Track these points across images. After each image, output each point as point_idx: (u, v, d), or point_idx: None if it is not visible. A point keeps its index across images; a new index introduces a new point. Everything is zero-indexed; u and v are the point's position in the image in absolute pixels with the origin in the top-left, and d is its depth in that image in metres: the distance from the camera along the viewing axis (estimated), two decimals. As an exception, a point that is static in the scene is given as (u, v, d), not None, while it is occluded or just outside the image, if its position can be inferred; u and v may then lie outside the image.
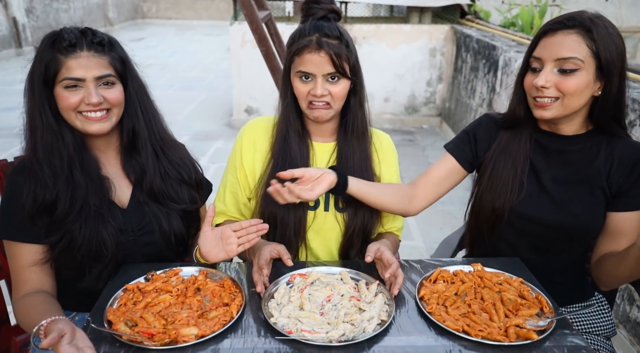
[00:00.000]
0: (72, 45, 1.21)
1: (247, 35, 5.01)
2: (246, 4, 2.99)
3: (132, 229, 1.34)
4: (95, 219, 1.27)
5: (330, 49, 1.30)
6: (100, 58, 1.23)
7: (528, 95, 1.32)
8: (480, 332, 1.07)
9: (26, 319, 1.20)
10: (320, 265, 1.35)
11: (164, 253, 1.40)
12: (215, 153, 4.87)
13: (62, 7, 11.87)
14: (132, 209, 1.36)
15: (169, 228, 1.37)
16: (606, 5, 6.94)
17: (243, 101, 5.61)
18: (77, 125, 1.25)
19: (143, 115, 1.35)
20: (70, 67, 1.20)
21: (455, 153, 1.49)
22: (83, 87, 1.22)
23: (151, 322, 1.09)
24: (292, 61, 1.36)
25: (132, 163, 1.37)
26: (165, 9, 16.63)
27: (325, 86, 1.34)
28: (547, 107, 1.26)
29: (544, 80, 1.23)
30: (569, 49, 1.20)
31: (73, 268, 1.29)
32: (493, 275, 1.29)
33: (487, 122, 1.48)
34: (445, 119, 5.63)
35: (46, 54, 1.21)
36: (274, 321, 1.10)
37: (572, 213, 1.33)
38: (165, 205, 1.39)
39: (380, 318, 1.12)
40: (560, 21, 1.23)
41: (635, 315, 2.18)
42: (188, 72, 8.82)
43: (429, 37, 5.46)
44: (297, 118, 1.44)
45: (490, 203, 1.41)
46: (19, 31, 10.14)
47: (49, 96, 1.23)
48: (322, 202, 1.46)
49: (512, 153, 1.40)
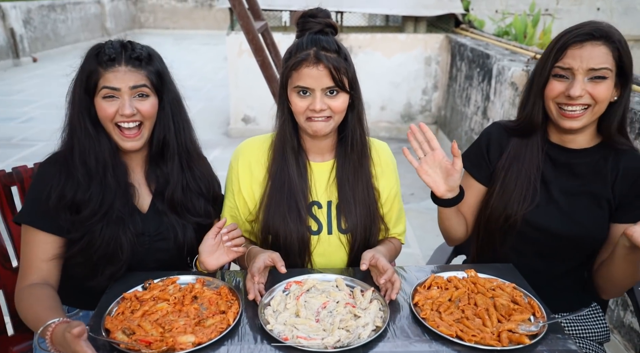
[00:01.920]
0: (112, 60, 1.27)
1: (244, 45, 5.05)
2: (242, 15, 3.03)
3: (148, 234, 1.38)
4: (116, 223, 1.31)
5: (329, 63, 1.28)
6: (137, 72, 1.30)
7: (552, 104, 1.32)
8: (473, 337, 1.09)
9: (30, 311, 1.20)
10: (316, 272, 1.37)
11: (175, 261, 1.43)
12: (212, 162, 4.86)
13: (59, 18, 11.92)
14: (151, 216, 1.40)
15: (183, 239, 1.41)
16: (598, 14, 7.03)
17: (240, 110, 5.64)
18: (114, 138, 1.32)
19: (175, 127, 1.40)
20: (108, 78, 1.27)
21: (475, 175, 1.51)
22: (119, 97, 1.28)
23: (148, 330, 1.10)
24: (290, 76, 1.34)
25: (156, 172, 1.41)
26: (162, 19, 16.72)
27: (324, 100, 1.32)
28: (578, 118, 1.29)
29: (580, 90, 1.25)
30: (600, 61, 1.25)
31: (87, 267, 1.32)
32: (486, 281, 1.31)
33: (498, 130, 1.50)
34: (441, 127, 5.67)
35: (89, 65, 1.29)
36: (270, 328, 1.11)
37: (579, 224, 1.36)
38: (182, 217, 1.42)
39: (375, 325, 1.13)
40: (588, 32, 1.26)
41: (629, 320, 2.20)
42: (185, 81, 8.72)
43: (424, 46, 5.52)
44: (294, 136, 1.42)
45: (503, 211, 1.42)
46: (16, 42, 10.18)
47: (89, 104, 1.30)
48: (325, 225, 1.45)
49: (524, 161, 1.41)
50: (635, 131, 2.17)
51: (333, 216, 1.45)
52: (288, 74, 1.34)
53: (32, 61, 10.42)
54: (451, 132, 5.28)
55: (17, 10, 10.25)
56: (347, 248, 1.46)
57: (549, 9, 6.75)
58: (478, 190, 1.51)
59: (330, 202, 1.46)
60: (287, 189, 1.41)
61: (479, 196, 1.52)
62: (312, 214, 1.45)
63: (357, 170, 1.44)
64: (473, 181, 1.52)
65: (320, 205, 1.46)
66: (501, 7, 6.61)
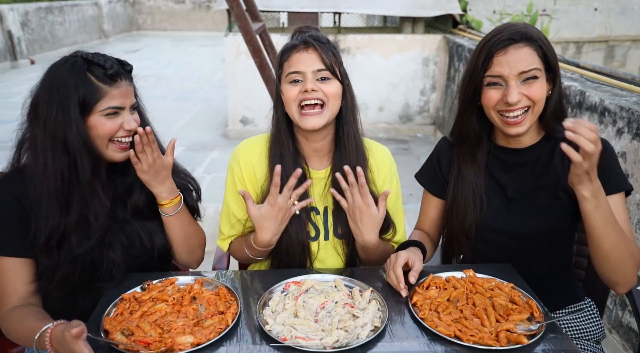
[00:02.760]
0: (115, 74, 1.25)
1: (242, 46, 5.05)
2: (240, 16, 3.03)
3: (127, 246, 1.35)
4: (106, 247, 1.29)
5: (320, 47, 1.31)
6: (132, 86, 1.30)
7: (493, 113, 1.32)
8: (471, 337, 1.09)
9: (22, 327, 1.17)
10: (315, 273, 1.37)
11: (146, 265, 1.41)
12: (210, 163, 4.89)
13: (57, 20, 11.91)
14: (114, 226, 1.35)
15: (150, 245, 1.39)
16: (595, 14, 7.04)
17: (238, 111, 5.64)
18: (104, 153, 1.28)
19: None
20: (114, 96, 1.24)
21: (431, 190, 1.54)
22: (120, 114, 1.26)
23: (147, 331, 1.10)
24: (282, 69, 1.36)
25: (115, 181, 1.37)
26: (160, 21, 16.72)
27: (317, 84, 1.31)
28: (521, 123, 1.29)
29: (517, 96, 1.26)
30: (528, 62, 1.26)
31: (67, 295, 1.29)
32: (484, 281, 1.31)
33: (445, 145, 1.53)
34: (439, 128, 5.68)
35: (82, 83, 1.21)
36: (268, 328, 1.11)
37: (540, 220, 1.37)
38: (150, 223, 1.40)
39: (373, 325, 1.13)
40: (508, 37, 1.27)
41: (627, 320, 2.20)
42: (183, 82, 8.85)
43: (422, 47, 5.53)
44: (289, 137, 1.41)
45: (458, 223, 1.44)
46: (14, 44, 10.16)
47: (83, 124, 1.22)
48: (322, 230, 1.46)
49: (468, 171, 1.43)
50: (633, 131, 2.18)
51: (330, 222, 1.46)
52: (281, 68, 1.36)
53: (29, 63, 10.41)
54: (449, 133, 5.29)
55: (15, 12, 10.24)
56: (342, 254, 1.47)
57: (547, 9, 6.76)
58: (437, 205, 1.54)
59: (327, 208, 1.46)
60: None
61: (440, 211, 1.54)
62: (311, 220, 1.46)
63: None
64: (431, 197, 1.55)
65: (318, 212, 1.47)
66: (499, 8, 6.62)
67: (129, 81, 1.30)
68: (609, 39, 7.11)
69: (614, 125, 2.30)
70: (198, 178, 1.59)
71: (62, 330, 1.00)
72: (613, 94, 2.51)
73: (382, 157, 1.51)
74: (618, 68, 4.99)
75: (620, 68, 5.83)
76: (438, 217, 1.55)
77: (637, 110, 2.18)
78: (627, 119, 2.23)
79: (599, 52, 7.10)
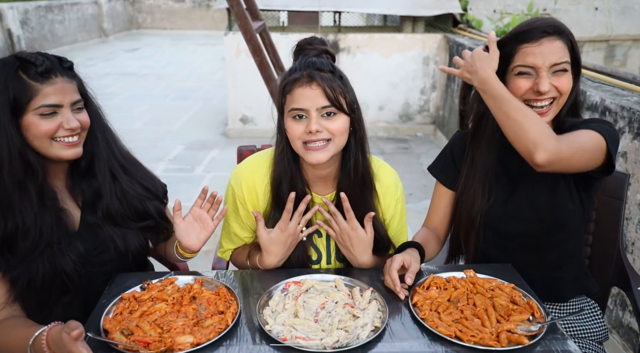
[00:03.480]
0: (47, 71, 1.18)
1: (242, 45, 5.05)
2: (240, 15, 3.03)
3: (86, 251, 1.30)
4: (53, 254, 1.22)
5: (323, 81, 1.23)
6: (72, 83, 1.24)
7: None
8: (472, 338, 1.08)
9: (11, 336, 1.13)
10: (315, 273, 1.37)
11: (122, 269, 1.37)
12: (210, 162, 4.88)
13: (57, 19, 11.90)
14: (84, 232, 1.32)
15: (124, 248, 1.35)
16: (596, 14, 7.04)
17: (238, 110, 5.63)
18: (49, 152, 1.22)
19: (101, 137, 1.34)
20: (47, 94, 1.18)
21: (444, 181, 1.56)
22: (59, 113, 1.21)
23: (147, 331, 1.10)
24: (284, 102, 1.29)
25: (81, 186, 1.34)
26: (160, 20, 16.69)
27: (321, 122, 1.25)
28: (546, 113, 1.33)
29: (548, 85, 1.29)
30: (559, 55, 1.29)
31: (39, 305, 1.26)
32: (485, 281, 1.31)
33: (459, 136, 1.56)
34: (439, 127, 5.68)
35: (12, 81, 1.16)
36: (268, 328, 1.11)
37: (548, 206, 1.39)
38: (124, 226, 1.36)
39: (374, 325, 1.13)
40: (542, 30, 1.30)
41: (627, 320, 2.20)
42: (183, 81, 8.84)
43: (422, 46, 5.52)
44: (293, 165, 1.35)
45: (467, 211, 1.46)
46: (13, 43, 10.15)
47: (16, 125, 1.18)
48: (324, 254, 1.45)
49: (481, 158, 1.45)
50: (634, 131, 2.17)
51: (332, 246, 1.45)
52: (283, 100, 1.29)
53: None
54: (449, 132, 5.28)
55: (15, 11, 10.22)
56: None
57: (547, 8, 6.75)
58: (449, 197, 1.56)
59: None
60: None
61: (451, 203, 1.56)
62: (313, 244, 1.45)
63: (358, 201, 1.37)
64: (442, 188, 1.56)
65: (320, 234, 1.45)
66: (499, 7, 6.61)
67: (68, 78, 1.23)
68: (610, 39, 7.10)
69: (615, 125, 2.30)
70: (197, 177, 1.58)
71: (59, 331, 0.99)
72: (614, 93, 2.50)
73: (387, 181, 1.46)
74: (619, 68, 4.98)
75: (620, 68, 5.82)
76: (448, 211, 1.56)
77: (638, 110, 2.18)
78: (628, 119, 2.22)
79: (600, 52, 7.09)
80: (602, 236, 1.60)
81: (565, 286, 1.48)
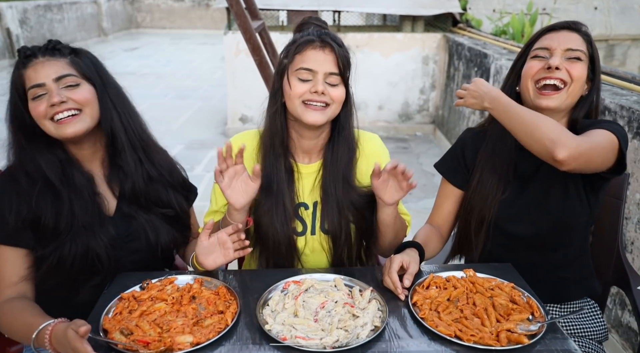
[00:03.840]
0: (27, 56, 1.24)
1: (241, 45, 5.04)
2: (239, 14, 3.02)
3: (118, 236, 1.34)
4: (86, 235, 1.27)
5: (337, 49, 1.29)
6: (57, 60, 1.26)
7: (530, 84, 1.36)
8: (472, 337, 1.08)
9: (17, 321, 1.17)
10: (315, 272, 1.36)
11: (149, 262, 1.40)
12: (210, 161, 4.88)
13: (56, 18, 11.88)
14: (119, 219, 1.36)
15: (154, 240, 1.37)
16: (595, 13, 7.04)
17: (237, 110, 5.63)
18: (52, 132, 1.25)
19: (120, 117, 1.34)
20: (29, 76, 1.23)
21: (452, 180, 1.55)
22: (47, 92, 1.23)
23: (147, 330, 1.10)
24: (292, 61, 1.31)
25: (118, 175, 1.36)
26: (159, 19, 16.68)
27: (326, 87, 1.30)
28: (553, 96, 1.33)
29: (559, 61, 1.31)
30: (576, 43, 1.34)
31: (67, 284, 1.29)
32: (485, 280, 1.31)
33: (472, 133, 1.56)
34: (438, 127, 5.67)
35: (14, 75, 1.25)
36: (268, 328, 1.11)
37: (556, 205, 1.39)
38: (150, 211, 1.38)
39: (373, 324, 1.13)
40: (563, 25, 1.36)
41: (627, 319, 2.20)
42: (182, 81, 8.83)
43: (422, 46, 5.52)
44: (284, 130, 1.40)
45: (477, 210, 1.46)
46: (12, 42, 10.13)
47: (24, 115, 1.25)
48: (309, 225, 1.46)
49: (498, 157, 1.45)
50: (634, 130, 2.17)
51: (317, 217, 1.46)
52: (290, 59, 1.32)
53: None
54: (449, 132, 5.28)
55: (13, 10, 10.21)
56: (327, 251, 1.47)
57: (547, 8, 6.75)
58: (455, 196, 1.55)
59: (316, 203, 1.46)
60: (275, 191, 1.40)
61: (456, 202, 1.55)
62: (299, 216, 1.45)
63: (343, 171, 1.42)
64: (450, 187, 1.56)
65: (307, 207, 1.46)
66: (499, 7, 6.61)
67: (51, 56, 1.25)
68: (609, 38, 7.11)
69: (614, 124, 2.30)
70: (197, 176, 1.59)
71: (65, 328, 1.00)
72: (613, 93, 2.50)
73: (373, 146, 1.50)
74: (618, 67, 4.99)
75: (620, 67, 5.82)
76: (453, 209, 1.56)
77: (637, 109, 2.17)
78: (627, 118, 2.22)
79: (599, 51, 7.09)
80: (601, 236, 1.60)
81: (571, 287, 1.48)
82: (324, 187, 1.43)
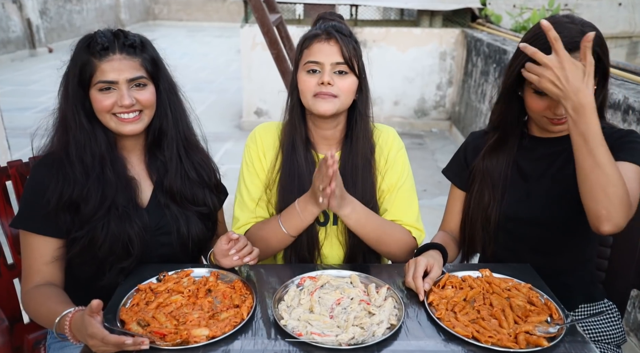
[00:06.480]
0: (105, 49, 1.23)
1: (258, 38, 5.04)
2: (258, 7, 3.01)
3: (150, 228, 1.36)
4: (121, 218, 1.29)
5: (341, 40, 1.32)
6: (132, 60, 1.26)
7: (537, 117, 1.33)
8: (490, 338, 1.07)
9: (43, 307, 1.20)
10: (330, 268, 1.36)
11: (178, 255, 1.41)
12: (225, 154, 4.90)
13: (75, 9, 12.01)
14: (152, 209, 1.38)
15: (186, 232, 1.39)
16: (619, 9, 6.88)
17: (253, 103, 5.64)
18: (111, 127, 1.29)
19: (172, 115, 1.38)
20: (103, 70, 1.23)
21: (459, 184, 1.55)
22: (116, 89, 1.25)
23: (163, 322, 1.11)
24: (301, 56, 1.37)
25: (156, 164, 1.39)
26: (176, 11, 16.77)
27: (333, 78, 1.33)
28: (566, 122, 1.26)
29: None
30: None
31: (93, 266, 1.32)
32: (501, 281, 1.29)
33: (473, 137, 1.56)
34: (454, 123, 5.62)
35: (81, 57, 1.24)
36: (284, 323, 1.10)
37: (560, 208, 1.36)
38: (183, 207, 1.40)
39: (389, 323, 1.12)
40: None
41: (646, 323, 2.16)
42: (198, 73, 8.88)
43: (439, 41, 5.46)
44: (302, 123, 1.44)
45: (480, 212, 1.45)
46: (32, 32, 10.28)
47: (83, 97, 1.26)
48: (331, 216, 1.46)
49: (498, 158, 1.44)
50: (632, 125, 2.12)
51: None
52: (300, 55, 1.37)
53: (47, 51, 10.52)
54: (465, 128, 5.22)
55: (34, 1, 10.34)
56: (343, 243, 1.48)
57: (569, 4, 6.63)
58: (464, 199, 1.54)
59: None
60: (297, 181, 1.43)
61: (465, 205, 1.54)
62: None
63: (361, 163, 1.44)
64: (457, 191, 1.56)
65: None
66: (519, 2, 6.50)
67: (128, 55, 1.25)
68: (633, 35, 6.95)
69: (638, 123, 2.25)
70: (214, 170, 1.58)
71: (81, 315, 1.03)
72: (637, 91, 2.44)
73: (390, 140, 1.52)
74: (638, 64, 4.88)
75: None
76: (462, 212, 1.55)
77: (633, 101, 2.12)
78: (623, 110, 2.17)
79: (622, 48, 6.95)
80: (622, 238, 1.57)
81: (575, 293, 1.45)
82: (344, 176, 1.43)
